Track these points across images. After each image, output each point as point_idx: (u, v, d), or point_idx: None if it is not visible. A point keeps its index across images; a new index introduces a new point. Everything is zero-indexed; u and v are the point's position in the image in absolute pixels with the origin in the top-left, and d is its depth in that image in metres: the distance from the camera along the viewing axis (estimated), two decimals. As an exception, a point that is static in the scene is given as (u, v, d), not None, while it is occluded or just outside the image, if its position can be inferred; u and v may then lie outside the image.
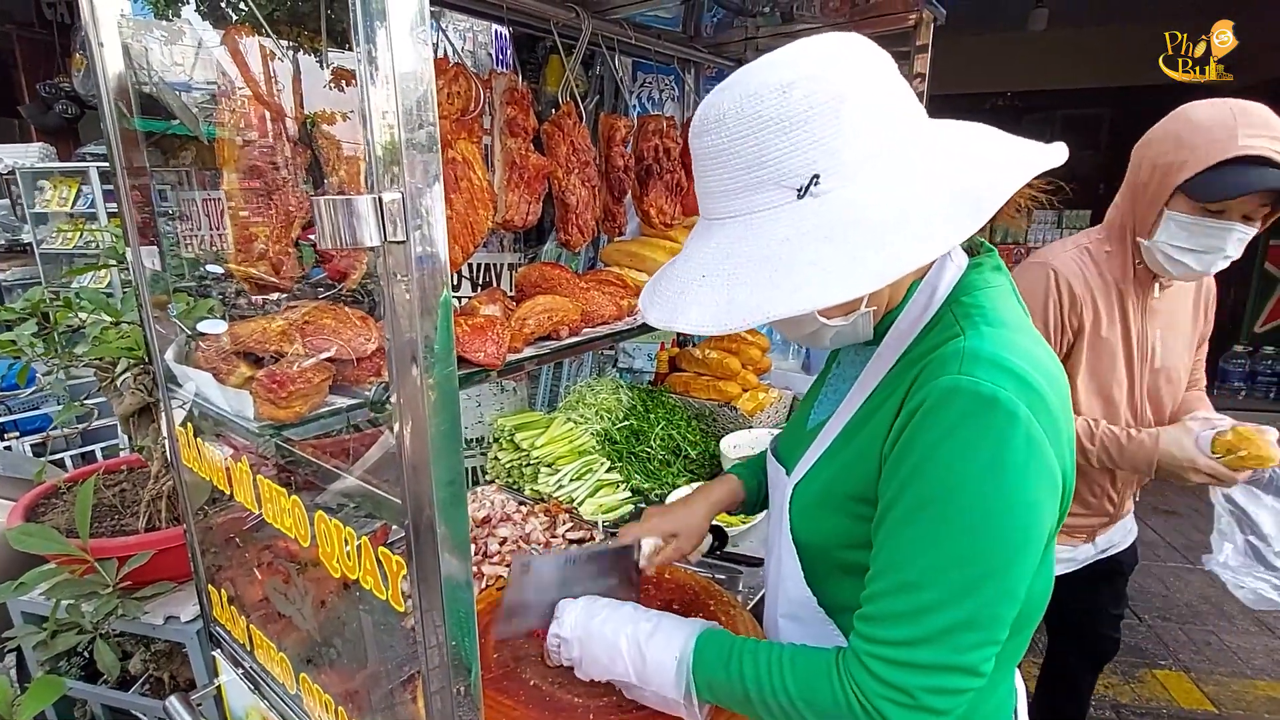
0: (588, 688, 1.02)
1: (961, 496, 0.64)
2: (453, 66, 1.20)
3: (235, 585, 1.22)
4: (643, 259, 1.88)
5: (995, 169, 0.65)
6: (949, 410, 0.65)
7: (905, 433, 0.69)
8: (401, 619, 0.81)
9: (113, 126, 1.11)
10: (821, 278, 0.62)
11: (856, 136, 0.65)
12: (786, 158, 0.65)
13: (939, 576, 0.66)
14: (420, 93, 0.56)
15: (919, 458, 0.67)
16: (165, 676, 1.77)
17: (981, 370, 0.65)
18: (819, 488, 0.83)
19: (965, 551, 0.65)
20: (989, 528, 0.64)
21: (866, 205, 0.64)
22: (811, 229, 0.65)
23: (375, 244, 0.55)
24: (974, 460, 0.64)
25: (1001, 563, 0.65)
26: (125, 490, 1.76)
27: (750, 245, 0.68)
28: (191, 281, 1.47)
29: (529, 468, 1.83)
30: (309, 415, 0.96)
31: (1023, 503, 0.65)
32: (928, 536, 0.66)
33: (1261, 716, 2.55)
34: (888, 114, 0.67)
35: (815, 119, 0.64)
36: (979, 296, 0.75)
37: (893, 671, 0.67)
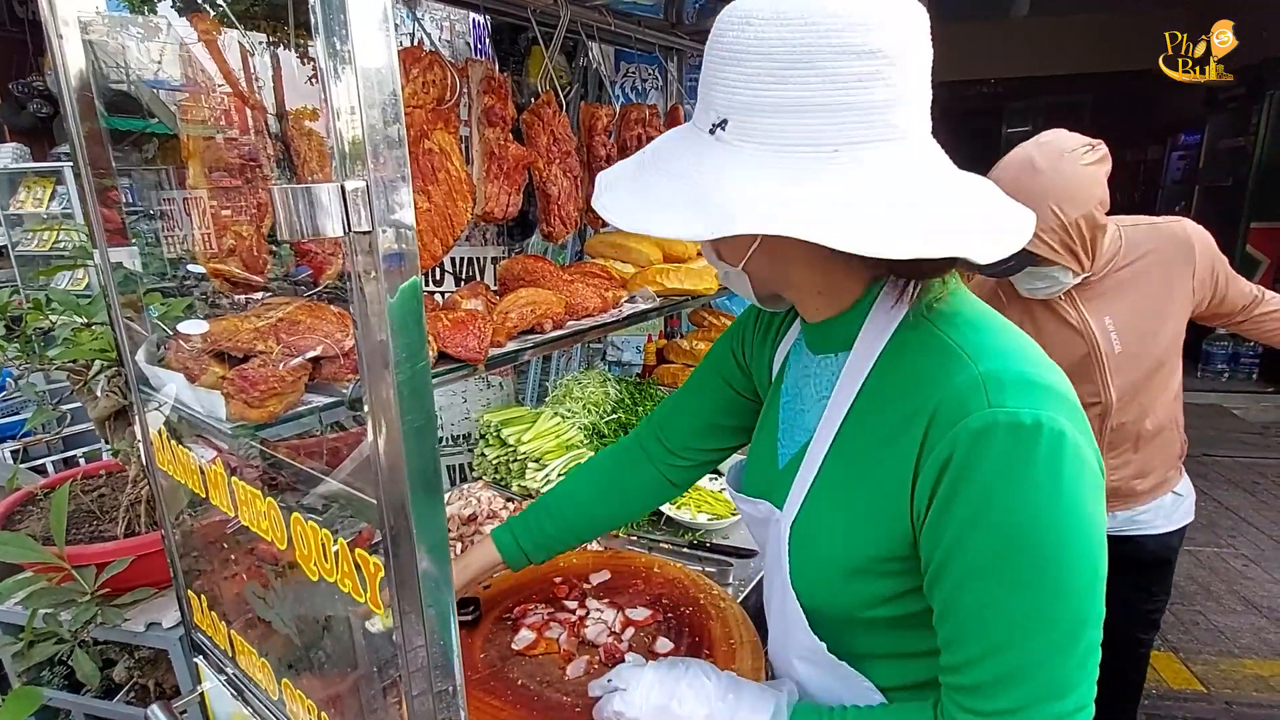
0: (576, 687, 1.01)
1: (1033, 540, 0.60)
2: (427, 54, 1.17)
3: (215, 590, 1.20)
4: (628, 250, 1.85)
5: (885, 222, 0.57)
6: (993, 450, 0.60)
7: (944, 485, 0.63)
8: (376, 617, 0.79)
9: (75, 123, 1.08)
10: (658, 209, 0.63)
11: (763, 107, 0.59)
12: (712, 90, 0.63)
13: (1029, 634, 0.61)
14: (384, 74, 0.53)
15: (973, 509, 0.61)
16: (150, 684, 1.74)
17: (1011, 397, 0.61)
18: (821, 538, 0.75)
19: (1049, 599, 0.60)
20: (1070, 564, 0.60)
21: (722, 169, 0.60)
22: (700, 166, 0.62)
23: (338, 234, 0.52)
24: (1034, 498, 0.59)
25: (1087, 596, 0.61)
26: (104, 495, 1.72)
27: (669, 160, 0.67)
28: (172, 281, 1.43)
29: (516, 463, 1.81)
30: (284, 415, 0.93)
31: (1090, 526, 0.61)
32: (1004, 593, 0.61)
33: (1249, 694, 2.58)
34: (820, 103, 0.57)
35: (744, 63, 0.58)
36: (953, 303, 0.70)
37: None
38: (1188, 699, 2.57)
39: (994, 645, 0.62)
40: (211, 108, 1.21)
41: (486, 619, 1.17)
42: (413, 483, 0.64)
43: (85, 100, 1.08)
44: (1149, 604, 1.80)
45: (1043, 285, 1.53)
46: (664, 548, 1.55)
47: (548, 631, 1.10)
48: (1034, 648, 0.61)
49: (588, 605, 1.17)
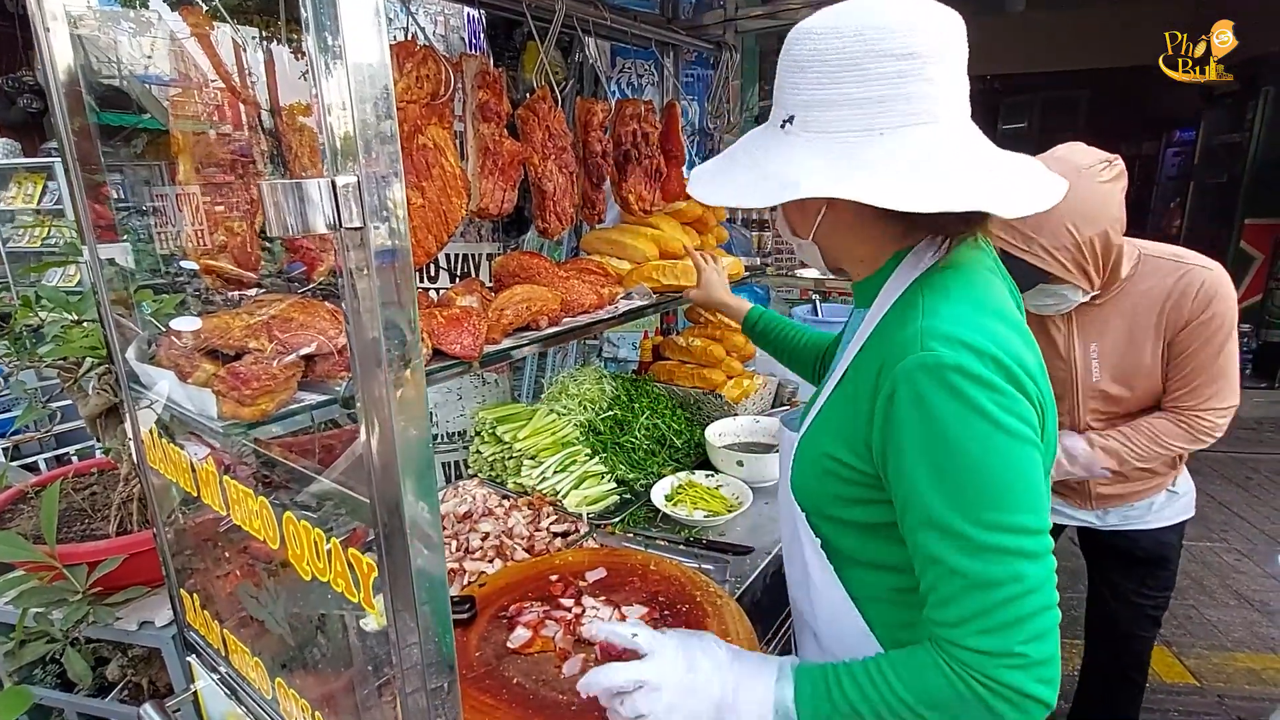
0: (572, 685, 1.00)
1: (959, 458, 0.69)
2: (421, 49, 1.16)
3: (207, 589, 1.19)
4: (623, 246, 1.85)
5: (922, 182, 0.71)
6: (916, 385, 0.71)
7: (888, 416, 0.74)
8: (367, 616, 0.79)
9: (63, 118, 1.06)
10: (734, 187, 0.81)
11: (821, 103, 0.75)
12: (783, 93, 0.79)
13: (979, 543, 0.69)
14: (376, 68, 0.53)
15: (907, 436, 0.72)
16: (144, 682, 1.73)
17: (938, 344, 0.71)
18: (815, 449, 0.87)
19: (988, 505, 0.69)
20: (997, 474, 0.69)
21: (789, 154, 0.77)
22: (763, 155, 0.80)
23: (328, 230, 0.51)
24: (954, 421, 0.69)
25: (1025, 494, 0.70)
26: (96, 494, 1.71)
27: (747, 153, 0.84)
28: (165, 278, 1.42)
29: (512, 460, 1.80)
30: (277, 413, 0.92)
31: (1011, 440, 0.70)
32: (947, 508, 0.70)
33: (1241, 688, 2.59)
34: (866, 96, 0.73)
35: (806, 69, 0.75)
36: (948, 275, 0.80)
37: (989, 638, 0.69)
38: (1180, 693, 2.58)
39: (949, 567, 0.71)
40: (203, 103, 1.20)
41: (482, 617, 1.17)
42: (406, 482, 0.63)
43: (73, 95, 1.06)
44: (1147, 600, 1.80)
45: (1051, 302, 1.50)
46: (660, 545, 1.54)
47: (543, 629, 1.10)
48: (983, 561, 0.69)
49: (584, 603, 1.17)
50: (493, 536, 1.47)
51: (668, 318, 2.69)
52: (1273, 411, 5.49)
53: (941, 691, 0.71)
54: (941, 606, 0.72)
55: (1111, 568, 1.82)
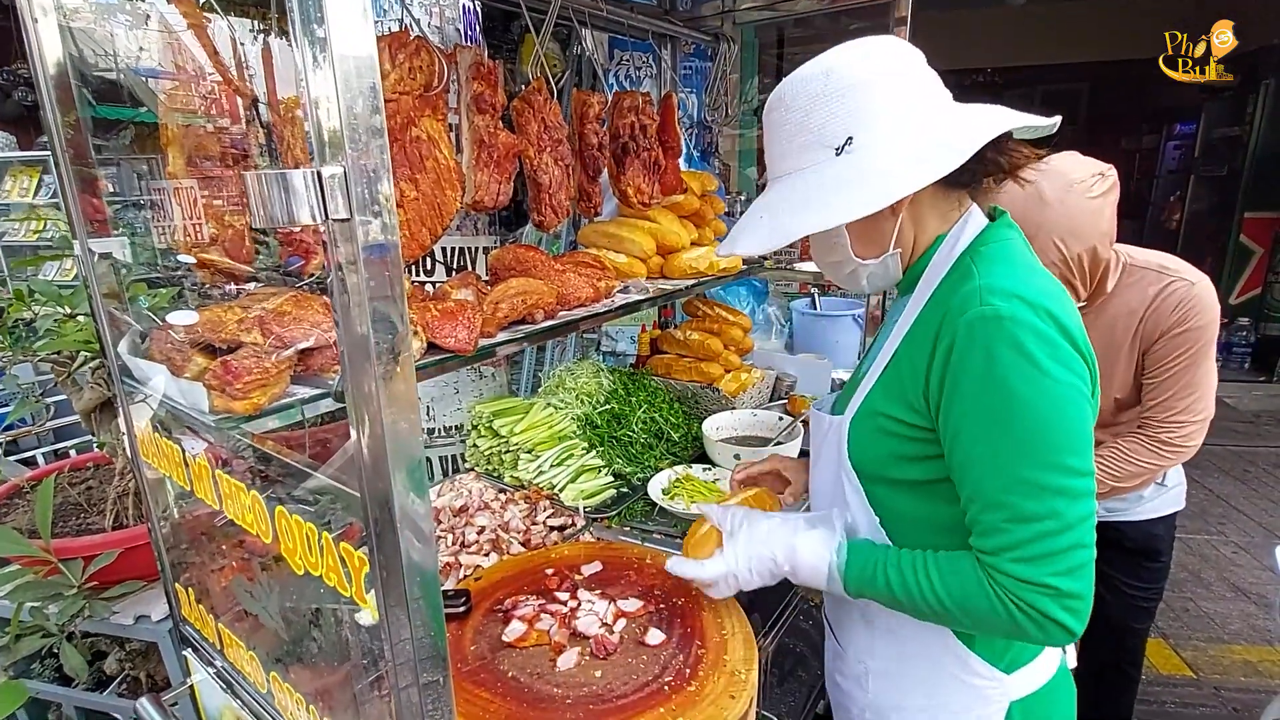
0: (567, 679, 1.00)
1: (1015, 401, 0.76)
2: (414, 40, 1.15)
3: (203, 583, 1.18)
4: (621, 240, 1.84)
5: (980, 128, 0.82)
6: (977, 335, 0.78)
7: (949, 365, 0.81)
8: (361, 611, 0.79)
9: (52, 111, 1.05)
10: (840, 205, 0.83)
11: (884, 107, 0.83)
12: (829, 124, 0.85)
13: (1025, 476, 0.77)
14: (364, 56, 0.52)
15: (969, 381, 0.79)
16: (142, 676, 1.73)
17: (997, 299, 0.78)
18: (872, 415, 0.93)
19: (1038, 445, 0.76)
20: (1047, 419, 0.76)
21: (880, 157, 0.83)
22: (841, 175, 0.84)
23: (314, 222, 0.51)
24: (1012, 368, 0.76)
25: (1073, 443, 0.77)
26: (92, 488, 1.71)
27: (798, 191, 0.88)
28: (161, 272, 1.41)
29: (508, 454, 1.80)
30: (269, 407, 0.91)
31: (1062, 388, 0.77)
32: (1000, 447, 0.78)
33: (1237, 680, 2.60)
34: (908, 93, 0.85)
35: (851, 93, 0.84)
36: (994, 247, 0.88)
37: (1026, 567, 0.77)
38: (1177, 684, 2.59)
39: (998, 491, 0.78)
40: (198, 94, 1.19)
41: (477, 611, 1.17)
42: (396, 477, 0.62)
43: (63, 87, 1.05)
44: (1137, 591, 1.80)
45: None
46: (656, 538, 1.54)
47: (538, 623, 1.10)
48: (1030, 490, 0.77)
49: (579, 597, 1.17)
50: (488, 530, 1.47)
51: (665, 311, 2.68)
52: (1271, 405, 5.50)
53: (976, 598, 0.81)
54: (983, 536, 0.81)
55: (1101, 558, 1.82)
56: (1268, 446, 4.75)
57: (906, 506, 0.94)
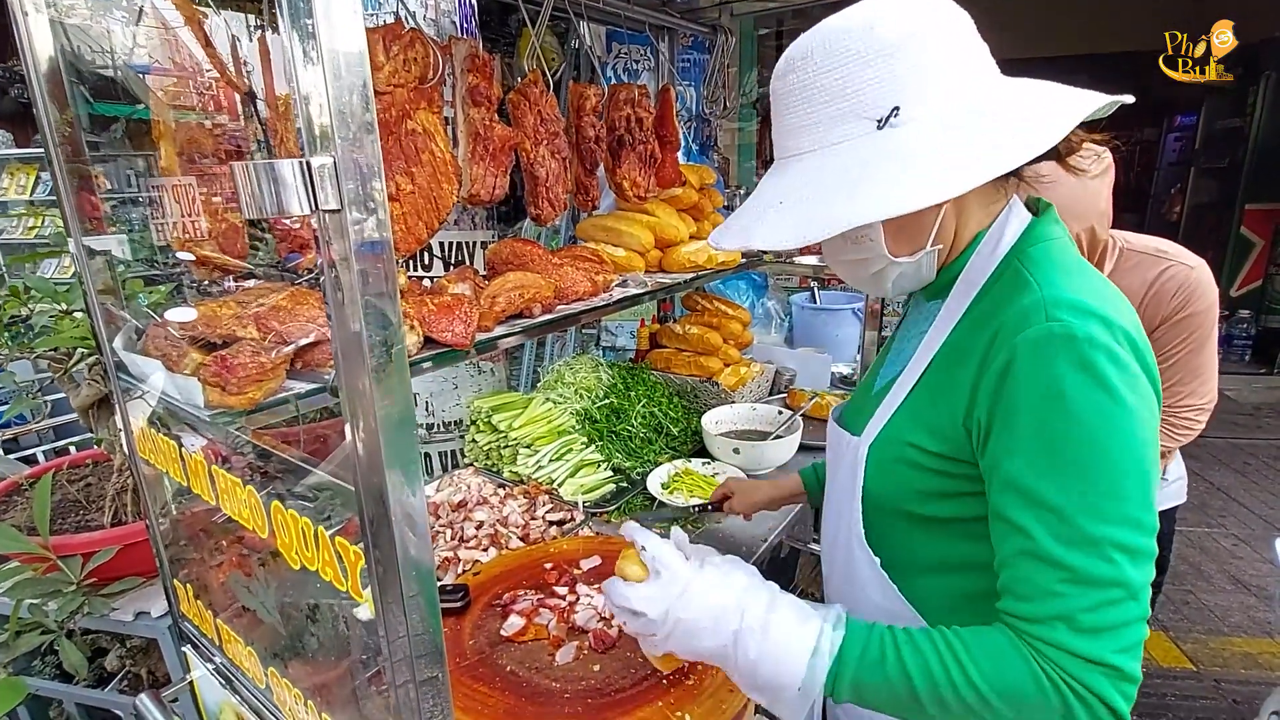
0: (565, 673, 1.00)
1: (1085, 438, 0.64)
2: (408, 31, 1.14)
3: (201, 580, 1.18)
4: (619, 234, 1.83)
5: (1055, 112, 0.70)
6: (1045, 356, 0.66)
7: (1004, 388, 0.68)
8: (360, 605, 0.78)
9: (44, 107, 1.04)
10: (891, 192, 0.66)
11: (938, 73, 0.69)
12: (869, 89, 0.69)
13: (1091, 532, 0.63)
14: (352, 44, 0.51)
15: (1030, 410, 0.66)
16: (143, 673, 1.73)
17: (1066, 314, 0.67)
18: (895, 444, 0.81)
19: (1107, 497, 0.64)
20: (1121, 464, 0.64)
21: (938, 135, 0.68)
22: (889, 154, 0.68)
23: (304, 213, 0.50)
24: (1084, 398, 0.64)
25: (1142, 494, 0.65)
26: (91, 485, 1.71)
27: (830, 172, 0.71)
28: (160, 269, 1.41)
29: (507, 449, 1.80)
30: (265, 402, 0.91)
31: (1140, 427, 0.65)
32: (1064, 492, 0.64)
33: (1238, 672, 2.61)
34: (963, 56, 0.71)
35: (900, 54, 0.68)
36: (1044, 249, 0.76)
37: (1087, 641, 0.63)
38: (1178, 677, 2.59)
39: (1055, 544, 0.64)
40: (194, 90, 1.19)
41: (476, 605, 1.17)
42: (391, 470, 0.62)
43: (55, 83, 1.05)
44: None
45: None
46: (656, 531, 1.54)
47: (537, 618, 1.10)
48: (1093, 546, 0.63)
49: (578, 591, 1.17)
50: (487, 525, 1.47)
51: (664, 305, 2.68)
52: (1271, 397, 5.49)
53: (1021, 683, 0.64)
54: (1030, 600, 0.65)
55: None
56: (1268, 439, 4.74)
57: (928, 547, 0.81)
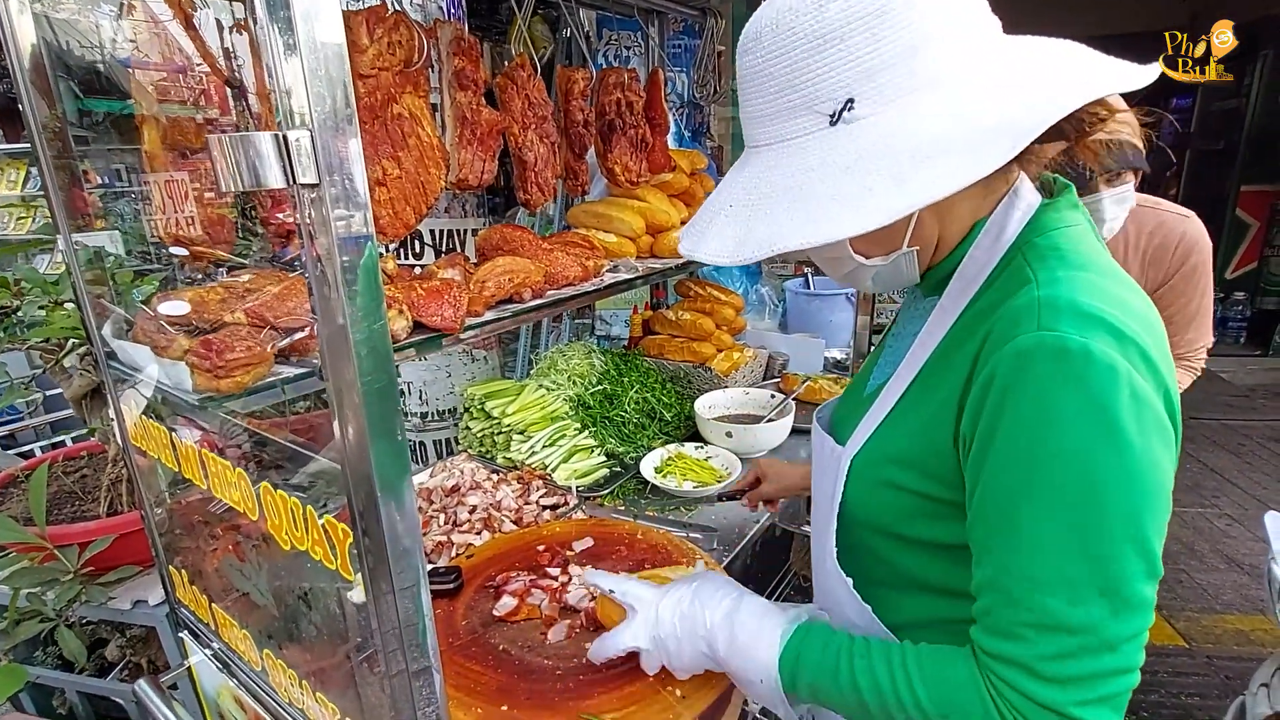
0: (557, 651, 1.01)
1: (1073, 474, 0.56)
2: (392, 14, 1.13)
3: (196, 565, 1.19)
4: (610, 220, 1.83)
5: (1057, 89, 0.57)
6: (1034, 373, 0.56)
7: (986, 406, 0.60)
8: (351, 586, 0.79)
9: (29, 102, 1.04)
10: (835, 211, 0.57)
11: (898, 57, 0.58)
12: (820, 79, 0.60)
13: (1071, 574, 0.56)
14: (328, 14, 0.51)
15: (1011, 435, 0.58)
16: (143, 661, 1.75)
17: (1064, 321, 0.57)
18: (879, 459, 0.74)
19: (1093, 538, 0.56)
20: (1114, 504, 0.55)
21: (897, 134, 0.58)
22: (838, 159, 0.59)
23: (280, 186, 0.50)
24: (1077, 429, 0.55)
25: (1137, 539, 0.56)
26: (86, 476, 1.71)
27: (778, 174, 0.63)
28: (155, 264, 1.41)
29: (501, 436, 1.80)
30: (253, 386, 0.91)
31: (1143, 467, 0.56)
32: (1041, 530, 0.57)
33: (1230, 649, 2.63)
34: (938, 30, 0.58)
35: (852, 36, 0.58)
36: (1054, 236, 0.66)
37: (1049, 690, 0.58)
38: (1170, 654, 2.62)
39: (1030, 587, 0.58)
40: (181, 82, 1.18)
41: (469, 587, 1.18)
42: (376, 443, 0.63)
43: (41, 79, 1.04)
44: None
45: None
46: (649, 515, 1.55)
47: (529, 598, 1.11)
48: (1076, 593, 0.56)
49: (570, 572, 1.18)
50: (480, 509, 1.47)
51: (658, 292, 2.68)
52: (1265, 379, 5.51)
53: (967, 710, 0.62)
54: (996, 636, 0.61)
55: None
56: (1262, 420, 4.76)
57: (912, 566, 0.75)
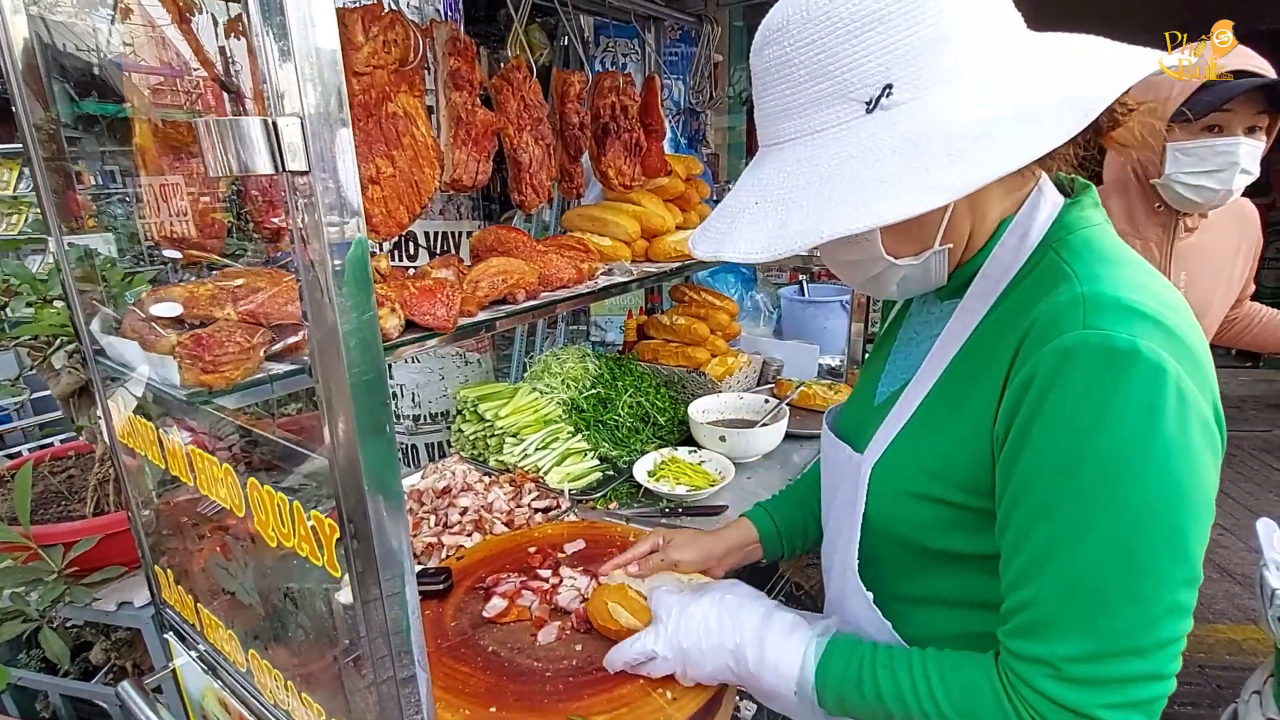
0: (547, 653, 1.00)
1: (1116, 475, 0.55)
2: (388, 13, 1.13)
3: (182, 565, 1.18)
4: (605, 223, 1.83)
5: (1098, 75, 0.56)
6: (1079, 372, 0.55)
7: (1024, 406, 0.59)
8: (339, 586, 0.78)
9: (22, 103, 1.04)
10: (886, 193, 0.55)
11: (937, 40, 0.57)
12: (856, 65, 0.58)
13: (1105, 576, 0.56)
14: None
15: (1051, 435, 0.57)
16: (128, 665, 1.72)
17: (1110, 320, 0.56)
18: (907, 470, 0.73)
19: (1132, 540, 0.55)
20: (1156, 507, 0.55)
21: (942, 116, 0.56)
22: (880, 144, 0.57)
23: (269, 172, 0.50)
24: (1122, 430, 0.54)
25: (1177, 545, 0.55)
26: (74, 476, 1.70)
27: (811, 166, 0.61)
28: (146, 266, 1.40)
29: (494, 438, 1.79)
30: (243, 382, 0.91)
31: (1187, 471, 0.55)
32: (1081, 529, 0.56)
33: (1222, 658, 2.63)
34: (974, 16, 0.58)
35: (890, 20, 0.57)
36: (1084, 236, 0.65)
37: (1071, 692, 0.58)
38: (1163, 664, 2.62)
39: (1065, 587, 0.57)
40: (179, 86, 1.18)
41: (458, 589, 1.16)
42: (364, 438, 0.62)
43: (35, 79, 1.04)
44: None
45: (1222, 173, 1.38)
46: (641, 518, 1.54)
47: (520, 599, 1.09)
48: (1113, 595, 0.56)
49: (561, 573, 1.17)
50: (471, 511, 1.46)
51: (653, 296, 2.68)
52: (1256, 390, 5.55)
53: (985, 711, 0.62)
54: (1024, 637, 0.61)
55: None
56: (1254, 431, 4.79)
57: (935, 579, 0.74)
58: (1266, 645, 2.63)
